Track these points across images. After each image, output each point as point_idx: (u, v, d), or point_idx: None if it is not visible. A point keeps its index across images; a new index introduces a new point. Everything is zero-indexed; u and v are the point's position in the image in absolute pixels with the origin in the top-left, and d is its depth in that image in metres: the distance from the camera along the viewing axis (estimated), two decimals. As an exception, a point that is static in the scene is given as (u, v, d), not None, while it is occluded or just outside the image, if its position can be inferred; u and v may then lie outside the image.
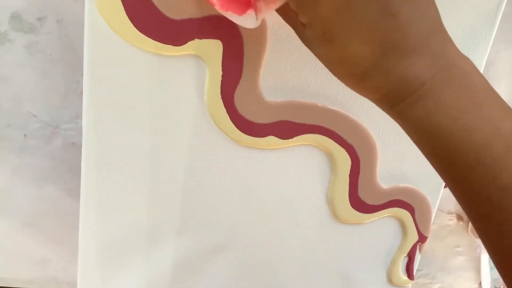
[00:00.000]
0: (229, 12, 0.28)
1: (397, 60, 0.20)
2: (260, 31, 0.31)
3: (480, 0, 0.33)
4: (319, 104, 0.34)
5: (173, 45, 0.30)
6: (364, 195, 0.37)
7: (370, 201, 0.37)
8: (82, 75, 0.33)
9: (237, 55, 0.31)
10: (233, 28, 0.30)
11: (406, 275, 0.42)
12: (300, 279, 0.40)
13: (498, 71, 0.46)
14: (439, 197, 0.39)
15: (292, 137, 0.34)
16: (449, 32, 0.34)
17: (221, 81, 0.31)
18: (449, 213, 0.53)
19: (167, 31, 0.30)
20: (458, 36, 0.33)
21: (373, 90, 0.22)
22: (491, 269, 0.58)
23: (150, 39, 0.30)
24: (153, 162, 0.34)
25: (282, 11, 0.25)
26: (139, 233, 0.36)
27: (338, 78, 0.23)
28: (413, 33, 0.20)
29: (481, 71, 0.35)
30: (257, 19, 0.24)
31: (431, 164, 0.24)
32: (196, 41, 0.30)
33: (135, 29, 0.29)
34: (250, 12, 0.26)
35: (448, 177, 0.23)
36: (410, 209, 0.39)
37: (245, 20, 0.27)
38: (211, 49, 0.30)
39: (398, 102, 0.22)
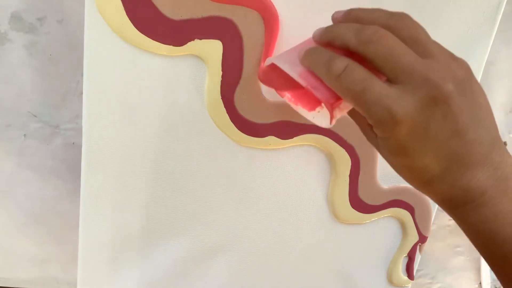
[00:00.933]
0: (299, 107, 0.29)
1: (462, 173, 0.23)
2: (260, 31, 0.31)
3: (480, 0, 0.33)
4: (319, 104, 0.33)
5: (173, 45, 0.30)
6: (364, 195, 0.37)
7: (370, 201, 0.37)
8: (82, 75, 0.33)
9: (237, 55, 0.31)
10: (233, 28, 0.30)
11: (406, 275, 0.42)
12: (300, 279, 0.40)
13: (498, 71, 0.46)
14: (439, 197, 0.39)
15: (292, 137, 0.34)
16: (449, 32, 0.34)
17: (221, 81, 0.31)
18: (449, 213, 0.53)
19: (167, 31, 0.30)
20: (458, 36, 0.33)
21: (436, 194, 0.24)
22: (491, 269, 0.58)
23: (150, 39, 0.30)
24: (153, 162, 0.34)
25: (351, 113, 0.27)
26: (139, 233, 0.36)
27: (404, 179, 0.25)
28: (477, 149, 0.22)
29: (481, 71, 0.35)
30: (331, 123, 0.25)
31: (486, 261, 0.26)
32: (196, 41, 0.30)
33: (135, 29, 0.29)
34: (320, 110, 0.28)
35: (502, 277, 0.25)
36: (410, 209, 0.39)
37: (316, 118, 0.28)
38: (211, 49, 0.30)
39: (458, 207, 0.24)
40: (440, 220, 0.54)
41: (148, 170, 0.34)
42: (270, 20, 0.30)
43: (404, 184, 0.38)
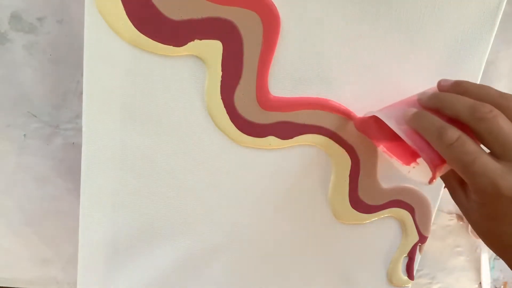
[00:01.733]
0: (394, 159, 0.30)
1: None
2: (260, 32, 0.31)
3: (480, 0, 0.33)
4: (319, 104, 0.33)
5: (173, 45, 0.30)
6: (364, 195, 0.37)
7: (370, 201, 0.37)
8: (82, 75, 0.33)
9: (237, 55, 0.31)
10: (233, 29, 0.30)
11: (406, 275, 0.42)
12: (300, 279, 0.40)
13: (498, 71, 0.46)
14: (439, 197, 0.39)
15: (292, 137, 0.34)
16: (450, 32, 0.34)
17: (221, 81, 0.31)
18: (449, 213, 0.53)
19: (167, 31, 0.30)
20: (458, 36, 0.33)
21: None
22: (491, 269, 0.58)
23: (150, 39, 0.30)
24: (153, 162, 0.34)
25: (445, 174, 0.29)
26: (139, 233, 0.36)
27: (485, 242, 0.28)
28: None
29: (481, 71, 0.35)
30: (430, 183, 0.27)
31: None
32: (196, 41, 0.30)
33: (135, 29, 0.29)
34: (415, 166, 0.29)
35: None
36: (410, 209, 0.39)
37: (411, 173, 0.29)
38: (211, 49, 0.30)
39: None
40: (440, 220, 0.54)
41: (148, 170, 0.34)
42: (270, 21, 0.30)
43: (404, 184, 0.38)
